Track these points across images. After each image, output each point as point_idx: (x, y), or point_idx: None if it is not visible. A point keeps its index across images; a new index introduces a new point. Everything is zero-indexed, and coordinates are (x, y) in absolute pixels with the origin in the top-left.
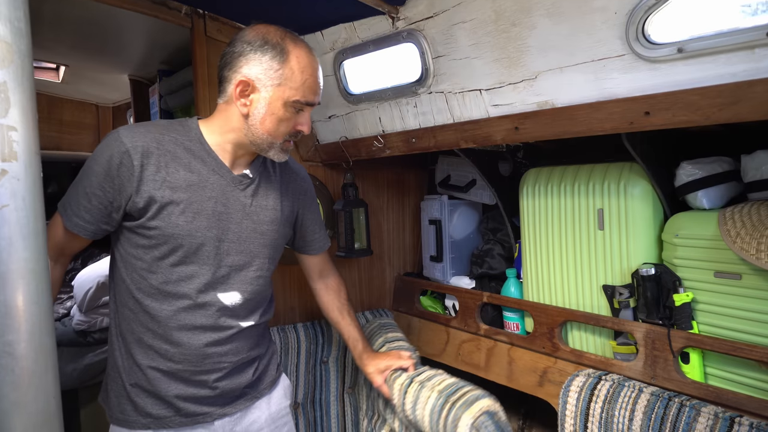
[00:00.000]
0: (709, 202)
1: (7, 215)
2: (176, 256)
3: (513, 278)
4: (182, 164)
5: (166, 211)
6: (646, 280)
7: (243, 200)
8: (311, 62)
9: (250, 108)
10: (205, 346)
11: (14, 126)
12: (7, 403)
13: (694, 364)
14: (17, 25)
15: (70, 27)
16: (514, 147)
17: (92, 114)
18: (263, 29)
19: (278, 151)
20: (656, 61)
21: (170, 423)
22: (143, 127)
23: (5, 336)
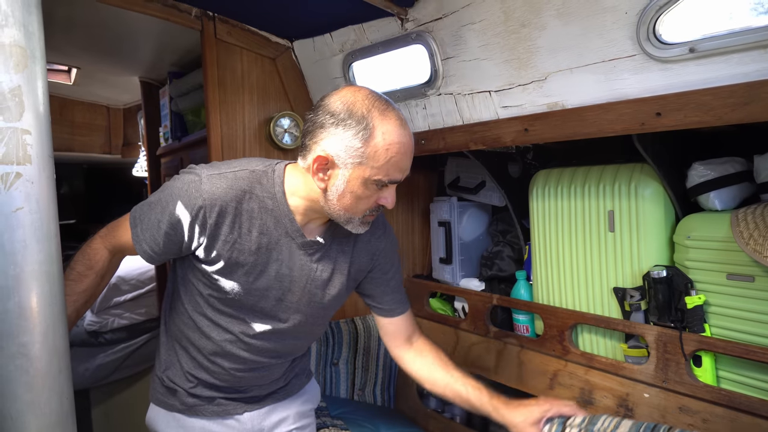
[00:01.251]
0: (722, 203)
1: (22, 218)
2: (232, 305)
3: (523, 280)
4: (256, 226)
5: (231, 270)
6: (657, 283)
7: (309, 265)
8: (400, 138)
9: (328, 183)
10: (243, 374)
11: (28, 129)
12: (22, 404)
13: (706, 367)
14: (30, 29)
15: (82, 29)
16: (523, 148)
17: (103, 116)
18: (350, 98)
19: (357, 225)
20: (667, 62)
21: (204, 412)
22: (227, 178)
23: (20, 337)
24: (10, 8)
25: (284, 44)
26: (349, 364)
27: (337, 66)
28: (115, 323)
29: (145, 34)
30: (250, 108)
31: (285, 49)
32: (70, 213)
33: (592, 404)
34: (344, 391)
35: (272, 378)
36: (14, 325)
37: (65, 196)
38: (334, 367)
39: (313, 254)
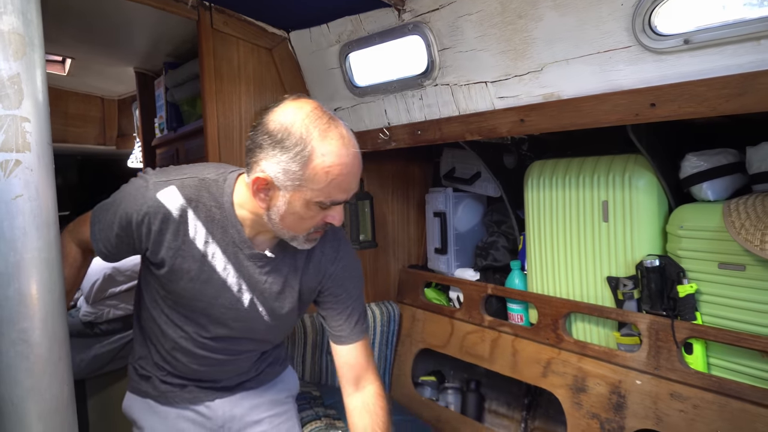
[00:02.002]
0: (714, 193)
1: (21, 205)
2: (185, 306)
3: (517, 270)
4: (202, 234)
5: (176, 275)
6: (650, 272)
7: (258, 277)
8: (341, 159)
9: (270, 203)
10: (205, 369)
11: (27, 117)
12: (23, 389)
13: (697, 354)
14: (29, 17)
15: (77, 19)
16: (518, 139)
17: (97, 107)
18: (290, 117)
19: (302, 242)
20: (663, 53)
21: (175, 399)
22: (175, 185)
23: (20, 323)
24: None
25: (281, 35)
26: None
27: (333, 57)
28: (111, 314)
29: (141, 24)
30: (246, 98)
31: (281, 39)
32: (65, 204)
33: (585, 392)
34: None
35: (239, 371)
36: (14, 312)
37: (59, 188)
38: (329, 356)
39: (262, 267)
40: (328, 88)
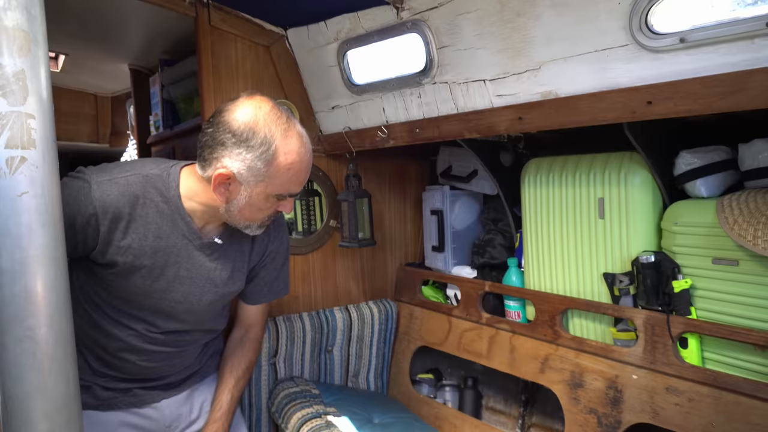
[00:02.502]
0: (708, 190)
1: (27, 202)
2: (132, 306)
3: (514, 267)
4: (151, 230)
5: (127, 273)
6: (645, 268)
7: (208, 265)
8: (300, 156)
9: (229, 197)
10: (154, 365)
11: (32, 114)
12: (29, 387)
13: (692, 348)
14: (33, 13)
15: (72, 15)
16: (515, 137)
17: (91, 104)
18: (252, 117)
19: (255, 229)
20: (659, 51)
21: (119, 404)
22: (119, 184)
23: (26, 321)
24: None
25: (278, 32)
26: (343, 351)
27: (331, 54)
28: None
29: (137, 20)
30: None
31: (279, 36)
32: None
33: (582, 387)
34: (338, 377)
35: (185, 364)
36: (21, 309)
37: None
38: (329, 354)
39: (211, 254)
40: (326, 86)
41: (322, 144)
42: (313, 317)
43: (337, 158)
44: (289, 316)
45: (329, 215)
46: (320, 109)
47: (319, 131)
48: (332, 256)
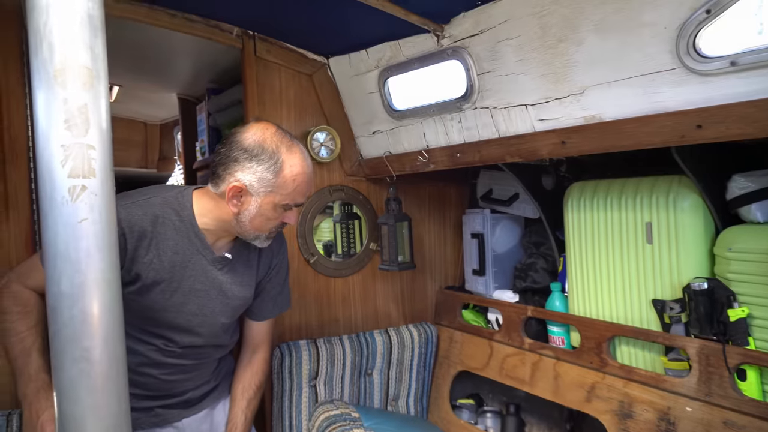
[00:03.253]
0: (764, 215)
1: (86, 228)
2: (150, 320)
3: (558, 292)
4: (170, 246)
5: (148, 289)
6: (698, 295)
7: (220, 278)
8: (303, 169)
9: (241, 208)
10: (175, 378)
11: (93, 145)
12: (84, 406)
13: (751, 381)
14: (96, 51)
15: (127, 50)
16: (557, 161)
17: (140, 131)
18: (260, 135)
19: (263, 240)
20: (708, 75)
21: (142, 424)
22: (141, 206)
23: (83, 342)
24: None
25: (320, 61)
26: (383, 375)
27: (372, 81)
28: None
29: (187, 52)
30: (287, 123)
31: (321, 65)
32: None
33: (632, 417)
34: (378, 401)
35: (202, 379)
36: (78, 331)
37: None
38: (368, 377)
39: (222, 269)
40: (367, 112)
41: (362, 168)
42: (353, 340)
43: (377, 182)
44: (330, 338)
45: (369, 238)
46: (361, 134)
47: (360, 156)
48: (372, 279)
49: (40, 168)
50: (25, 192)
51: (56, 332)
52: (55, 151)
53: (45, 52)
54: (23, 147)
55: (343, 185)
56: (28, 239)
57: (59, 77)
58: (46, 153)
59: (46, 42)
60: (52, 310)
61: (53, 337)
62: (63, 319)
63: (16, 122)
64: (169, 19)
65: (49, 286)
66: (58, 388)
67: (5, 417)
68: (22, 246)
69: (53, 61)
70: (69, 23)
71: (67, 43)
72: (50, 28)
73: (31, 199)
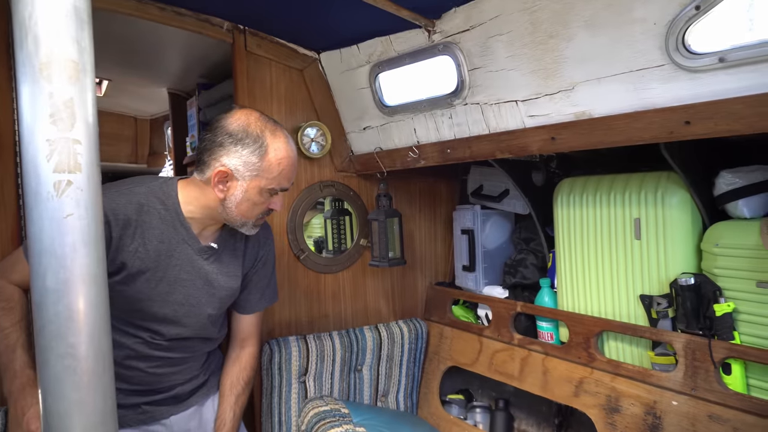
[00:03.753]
0: (750, 211)
1: (72, 224)
2: (137, 312)
3: (547, 288)
4: (155, 234)
5: (133, 278)
6: (685, 290)
7: (206, 268)
8: (288, 153)
9: (227, 194)
10: (160, 372)
11: (79, 139)
12: (69, 402)
13: (736, 375)
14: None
15: (116, 43)
16: (547, 157)
17: (130, 126)
18: (244, 120)
19: (250, 228)
20: (697, 71)
21: (129, 422)
22: (125, 195)
23: (68, 338)
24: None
25: (311, 56)
26: (373, 371)
27: (363, 76)
28: None
29: (177, 47)
30: (278, 118)
31: (312, 60)
32: None
33: (619, 412)
34: (368, 397)
35: (191, 374)
36: (63, 327)
37: None
38: (358, 373)
39: (208, 258)
40: (358, 108)
41: (353, 164)
42: (343, 336)
43: (368, 178)
44: (319, 334)
45: (359, 234)
46: (352, 130)
47: (351, 152)
48: (362, 275)
49: (25, 163)
50: (11, 187)
51: (41, 328)
52: (41, 146)
53: (30, 45)
54: (9, 141)
55: (333, 181)
56: (14, 234)
57: (45, 71)
58: (32, 147)
59: (31, 35)
60: (37, 306)
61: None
62: (48, 315)
63: (1, 116)
64: (159, 12)
65: (34, 281)
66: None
67: None
68: (8, 241)
69: (39, 54)
70: (55, 16)
71: (52, 36)
72: (35, 20)
73: (18, 195)
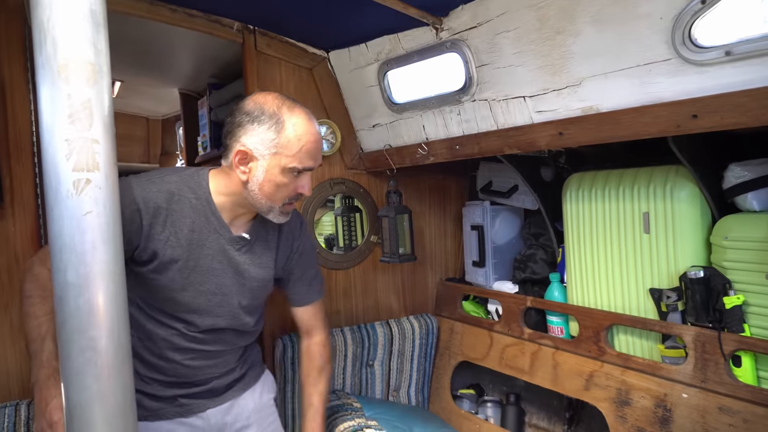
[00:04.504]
0: (760, 204)
1: (91, 221)
2: (171, 302)
3: (556, 282)
4: (186, 224)
5: (166, 268)
6: (694, 283)
7: (237, 259)
8: (308, 128)
9: (249, 175)
10: (198, 363)
11: (97, 139)
12: (90, 393)
13: (746, 367)
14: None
15: (129, 45)
16: (555, 152)
17: (143, 126)
18: (261, 99)
19: (278, 214)
20: (703, 65)
21: (167, 414)
22: (156, 183)
23: (89, 331)
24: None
25: (321, 54)
26: (384, 366)
27: (372, 74)
28: None
29: (188, 47)
30: None
31: (321, 59)
32: None
33: (630, 405)
34: (379, 391)
35: (227, 367)
36: (84, 321)
37: None
38: (369, 368)
39: (240, 249)
40: (367, 105)
41: (363, 161)
42: (355, 331)
43: (377, 175)
44: (331, 330)
45: (370, 231)
46: (361, 128)
47: (360, 149)
48: (373, 271)
49: (45, 162)
50: (30, 186)
51: (63, 322)
52: (60, 146)
53: (49, 48)
54: (27, 142)
55: (343, 178)
56: (33, 233)
57: (63, 73)
58: (51, 147)
59: (49, 38)
60: (58, 300)
61: (60, 327)
62: (70, 309)
63: (20, 118)
64: (170, 14)
65: (56, 277)
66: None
67: (14, 407)
68: (27, 240)
69: (57, 56)
70: (72, 19)
71: (70, 39)
72: (53, 23)
73: (36, 194)
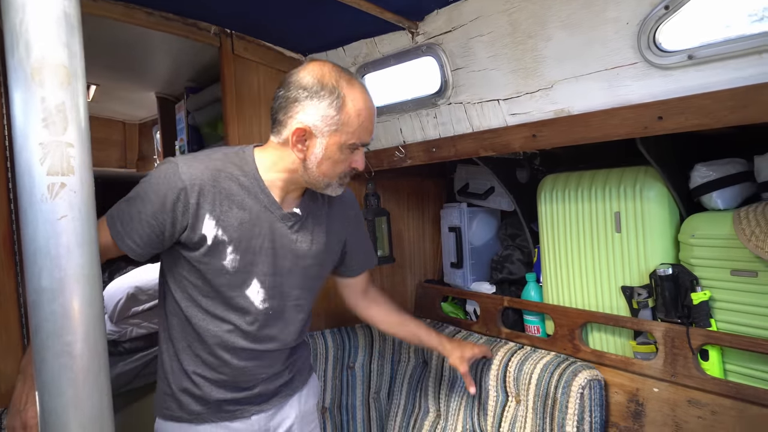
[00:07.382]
0: (724, 202)
1: (65, 225)
2: (224, 288)
3: (533, 282)
4: (236, 202)
5: (217, 249)
6: (663, 280)
7: (290, 236)
8: (366, 104)
9: (307, 153)
10: (246, 364)
11: (72, 143)
12: (66, 399)
13: (713, 360)
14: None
15: (104, 48)
16: (530, 154)
17: (119, 131)
18: (318, 71)
19: (336, 188)
20: (668, 68)
21: (212, 418)
22: (202, 161)
23: (64, 336)
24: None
25: (298, 58)
26: (365, 368)
27: None
28: (134, 332)
29: (164, 51)
30: (266, 120)
31: (299, 63)
32: None
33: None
34: (360, 394)
35: (275, 369)
36: (59, 326)
37: None
38: (350, 370)
39: (292, 226)
40: None
41: None
42: (335, 334)
43: (356, 178)
44: (312, 333)
45: None
46: None
47: None
48: None
49: (18, 166)
50: (3, 190)
51: (38, 327)
52: (34, 150)
53: (21, 51)
54: (0, 146)
55: None
56: (6, 237)
57: (36, 76)
58: (25, 151)
59: (22, 41)
60: (33, 305)
61: (35, 332)
62: (44, 314)
63: None
64: (146, 17)
65: (30, 281)
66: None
67: None
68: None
69: (30, 59)
70: (45, 21)
71: (43, 42)
72: (26, 26)
73: (9, 198)
